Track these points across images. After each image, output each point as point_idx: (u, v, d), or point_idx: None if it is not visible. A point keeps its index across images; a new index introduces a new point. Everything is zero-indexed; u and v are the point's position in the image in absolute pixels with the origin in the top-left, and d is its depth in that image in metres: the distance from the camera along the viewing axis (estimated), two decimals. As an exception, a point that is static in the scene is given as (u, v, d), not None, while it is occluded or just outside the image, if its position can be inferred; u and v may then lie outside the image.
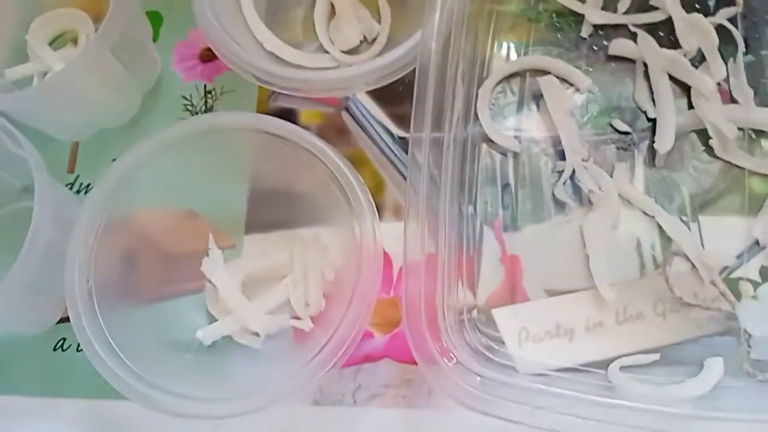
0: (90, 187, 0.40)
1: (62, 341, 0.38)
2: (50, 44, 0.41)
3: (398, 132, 0.39)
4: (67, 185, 0.40)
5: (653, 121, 0.36)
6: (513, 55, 0.38)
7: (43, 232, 0.32)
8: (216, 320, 0.36)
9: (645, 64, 0.37)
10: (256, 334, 0.35)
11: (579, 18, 0.38)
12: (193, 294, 0.37)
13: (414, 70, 0.34)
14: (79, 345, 0.37)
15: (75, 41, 0.42)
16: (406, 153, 0.39)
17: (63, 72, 0.35)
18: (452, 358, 0.30)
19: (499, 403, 0.28)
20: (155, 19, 0.43)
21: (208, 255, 0.36)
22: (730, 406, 0.30)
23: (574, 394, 0.30)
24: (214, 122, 0.34)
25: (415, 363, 0.35)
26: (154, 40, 0.42)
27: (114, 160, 0.39)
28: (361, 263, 0.32)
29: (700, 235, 0.34)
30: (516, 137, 0.37)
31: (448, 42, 0.35)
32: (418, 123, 0.33)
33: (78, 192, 0.40)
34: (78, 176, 0.41)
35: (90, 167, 0.41)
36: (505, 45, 0.39)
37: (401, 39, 0.36)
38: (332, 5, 0.41)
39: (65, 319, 0.37)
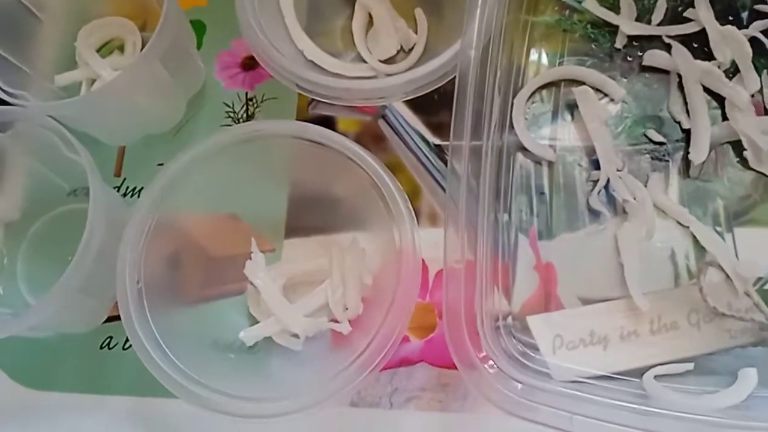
0: (136, 190, 0.40)
1: (109, 339, 0.38)
2: (97, 51, 0.42)
3: (434, 140, 0.39)
4: (114, 188, 0.40)
5: (687, 131, 0.36)
6: (548, 65, 0.38)
7: (98, 234, 0.32)
8: (257, 321, 0.35)
9: (679, 75, 0.36)
10: (296, 336, 0.35)
11: (613, 29, 0.38)
12: (234, 296, 0.37)
13: (450, 80, 0.34)
14: (125, 343, 0.37)
15: (121, 48, 0.42)
16: (442, 160, 0.39)
17: (114, 80, 0.35)
18: (492, 364, 0.30)
19: (538, 408, 0.28)
20: (198, 28, 0.43)
21: (251, 258, 0.35)
22: (764, 416, 0.30)
23: (610, 401, 0.29)
24: (256, 130, 0.34)
25: (450, 367, 0.35)
26: (197, 48, 0.42)
27: (159, 164, 0.40)
28: (401, 269, 0.32)
29: (735, 245, 0.34)
30: (551, 146, 0.36)
31: (486, 52, 0.34)
32: (457, 132, 0.32)
33: (124, 195, 0.40)
34: (124, 180, 0.41)
35: (136, 171, 0.41)
36: (539, 55, 0.38)
37: (438, 49, 0.36)
38: (370, 16, 0.40)
39: (112, 318, 0.38)
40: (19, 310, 0.37)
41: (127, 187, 0.41)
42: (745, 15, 0.37)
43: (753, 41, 0.36)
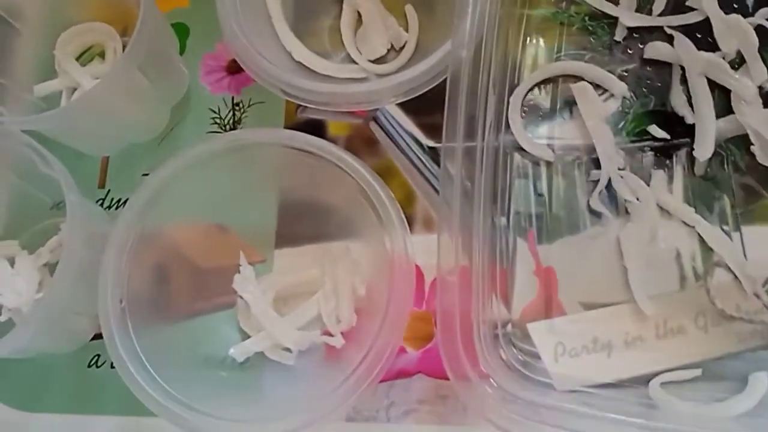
0: (121, 201, 0.41)
1: (96, 358, 0.38)
2: (77, 59, 0.42)
3: (428, 142, 0.39)
4: (98, 200, 0.41)
5: (692, 126, 0.35)
6: (544, 61, 0.38)
7: (75, 252, 0.32)
8: (248, 336, 0.36)
9: (682, 68, 0.36)
10: (288, 350, 0.35)
11: (612, 20, 0.38)
12: (225, 309, 0.37)
13: (443, 79, 0.34)
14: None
15: (102, 55, 0.42)
16: (436, 163, 0.39)
17: (91, 92, 0.35)
18: (487, 377, 0.30)
19: (533, 426, 0.28)
20: (181, 31, 0.43)
21: (239, 272, 0.36)
22: (776, 423, 0.30)
23: (614, 416, 0.29)
24: (242, 139, 0.35)
25: (449, 379, 0.35)
26: (181, 52, 0.42)
27: (144, 174, 0.40)
28: (393, 278, 0.32)
29: (743, 245, 0.34)
30: (549, 146, 0.36)
31: (479, 49, 0.35)
32: (449, 133, 0.33)
33: (110, 207, 0.41)
34: (109, 191, 0.41)
35: (121, 182, 0.41)
36: (536, 50, 0.38)
37: (430, 46, 0.36)
38: (359, 14, 0.41)
39: (99, 336, 0.38)
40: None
41: (112, 199, 0.41)
42: (750, 2, 0.37)
43: (759, 30, 0.36)
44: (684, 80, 0.36)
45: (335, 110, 0.37)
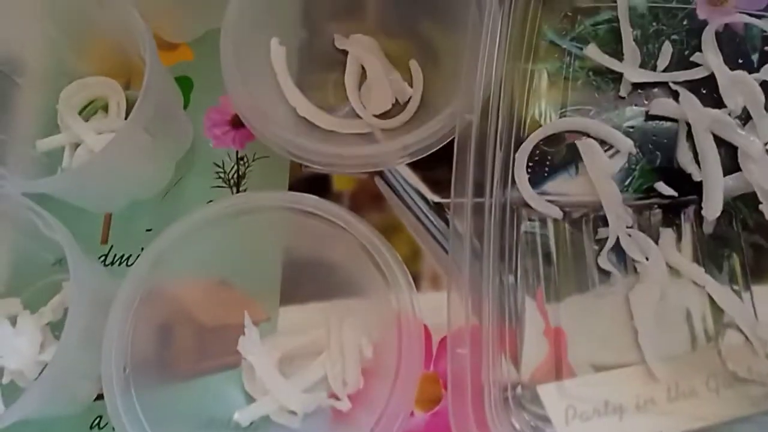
0: (124, 257, 0.40)
1: (99, 419, 0.38)
2: (80, 112, 0.42)
3: (433, 198, 0.39)
4: (101, 257, 0.41)
5: (699, 183, 0.36)
6: (550, 116, 0.38)
7: (80, 319, 0.32)
8: (253, 398, 0.35)
9: (688, 124, 0.36)
10: (294, 413, 0.35)
11: (617, 76, 0.38)
12: (230, 369, 0.37)
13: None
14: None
15: (105, 108, 0.42)
16: (442, 219, 0.39)
17: (96, 156, 0.35)
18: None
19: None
20: (185, 84, 0.43)
21: (244, 333, 0.36)
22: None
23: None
24: (248, 202, 0.35)
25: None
26: (185, 106, 0.43)
27: (148, 230, 0.40)
28: (402, 340, 0.32)
29: (753, 305, 0.33)
30: (556, 203, 0.36)
31: (485, 108, 0.35)
32: (458, 191, 0.33)
33: (112, 263, 0.40)
34: (112, 247, 0.41)
35: (124, 238, 0.41)
36: (541, 106, 0.38)
37: (434, 100, 0.36)
38: (363, 69, 0.41)
39: (102, 396, 0.38)
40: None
41: (115, 255, 0.41)
42: (755, 57, 0.37)
43: (765, 86, 0.36)
44: (690, 136, 0.36)
45: (339, 172, 0.37)
